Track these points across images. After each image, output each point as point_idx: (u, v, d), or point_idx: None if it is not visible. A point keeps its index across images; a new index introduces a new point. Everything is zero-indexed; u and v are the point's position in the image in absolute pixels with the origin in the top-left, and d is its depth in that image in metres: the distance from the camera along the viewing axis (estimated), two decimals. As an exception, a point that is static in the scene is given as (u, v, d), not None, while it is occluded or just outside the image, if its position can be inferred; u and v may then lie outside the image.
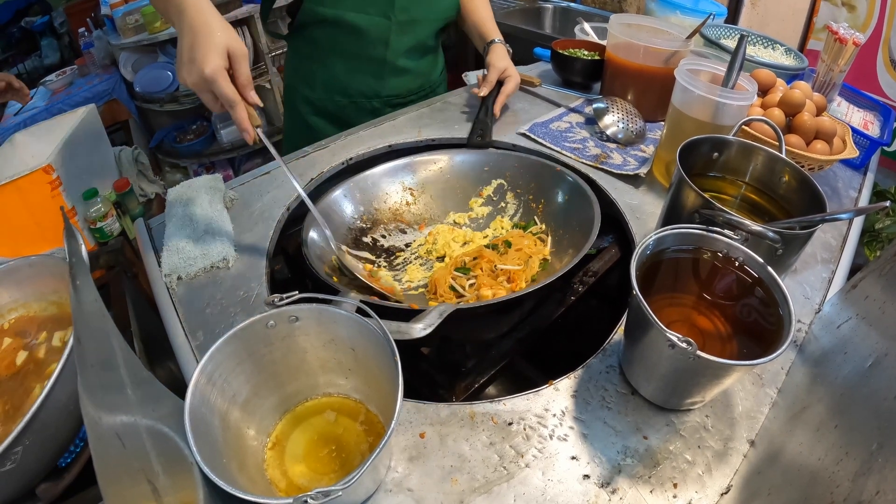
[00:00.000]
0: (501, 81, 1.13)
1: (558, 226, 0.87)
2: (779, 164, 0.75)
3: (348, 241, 0.86)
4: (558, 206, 0.89)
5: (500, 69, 1.12)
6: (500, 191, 0.97)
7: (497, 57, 1.15)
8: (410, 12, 1.12)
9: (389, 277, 0.84)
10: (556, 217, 0.89)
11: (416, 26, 1.15)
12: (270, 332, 0.56)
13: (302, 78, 1.23)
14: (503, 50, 1.18)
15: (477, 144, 1.03)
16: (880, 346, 0.52)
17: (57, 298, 0.71)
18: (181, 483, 0.46)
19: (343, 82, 1.19)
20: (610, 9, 2.30)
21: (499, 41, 1.19)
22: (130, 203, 1.58)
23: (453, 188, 0.98)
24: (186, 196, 0.91)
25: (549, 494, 0.53)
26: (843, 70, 1.15)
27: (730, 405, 0.62)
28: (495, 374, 0.73)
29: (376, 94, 1.22)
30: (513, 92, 1.14)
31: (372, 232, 0.90)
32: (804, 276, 0.79)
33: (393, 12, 1.10)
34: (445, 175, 0.98)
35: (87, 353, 0.46)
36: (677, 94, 0.88)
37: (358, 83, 1.20)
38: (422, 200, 0.97)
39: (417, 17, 1.14)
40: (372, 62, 1.17)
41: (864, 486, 0.40)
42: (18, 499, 0.56)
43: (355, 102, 1.22)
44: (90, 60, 2.65)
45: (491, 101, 1.11)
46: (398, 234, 0.92)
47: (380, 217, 0.92)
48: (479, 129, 1.06)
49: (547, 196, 0.91)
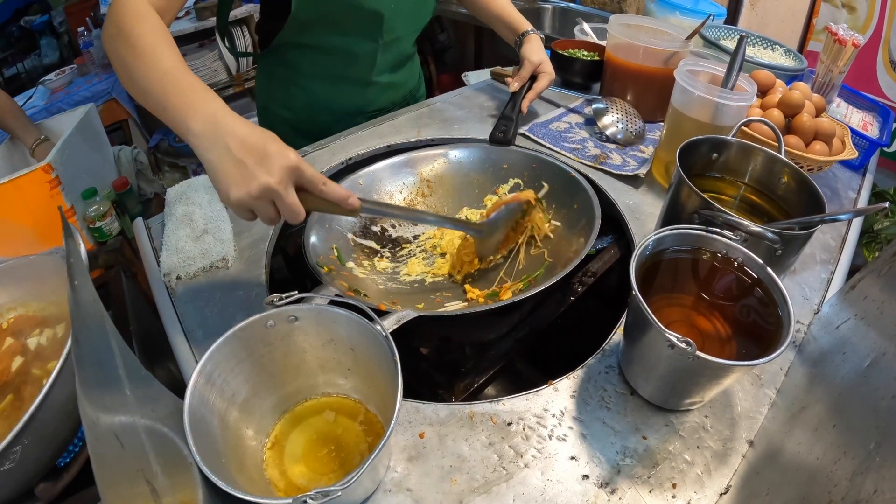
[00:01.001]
0: (534, 77, 1.10)
1: (561, 225, 0.87)
2: (778, 165, 0.75)
3: (356, 229, 0.85)
4: (564, 208, 0.89)
5: (535, 63, 1.08)
6: (516, 190, 0.96)
7: (532, 50, 1.09)
8: (396, 31, 1.08)
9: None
10: (558, 217, 0.89)
11: (399, 43, 1.12)
12: (270, 332, 0.56)
13: (279, 101, 1.17)
14: (538, 42, 1.12)
15: (499, 141, 1.01)
16: (878, 346, 0.52)
17: (56, 298, 0.71)
18: (180, 483, 0.46)
19: (326, 102, 1.15)
20: (609, 9, 2.30)
21: (533, 31, 1.13)
22: (129, 202, 1.58)
23: (470, 183, 0.97)
24: (185, 195, 0.91)
25: (548, 494, 0.53)
26: (843, 71, 1.15)
27: (729, 405, 0.62)
28: (494, 375, 0.73)
29: (360, 111, 1.18)
30: (545, 88, 1.10)
31: (381, 221, 0.90)
32: (803, 276, 0.79)
33: (381, 35, 1.05)
34: (464, 170, 0.96)
35: (86, 352, 0.46)
36: (677, 94, 0.88)
37: (342, 102, 1.15)
38: (438, 193, 0.96)
39: (401, 34, 1.10)
40: (357, 83, 1.13)
41: (862, 485, 0.40)
42: (17, 498, 0.56)
43: (339, 121, 1.17)
44: (89, 60, 2.65)
45: (520, 97, 1.08)
46: (408, 226, 0.91)
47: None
48: (503, 125, 1.04)
49: (559, 200, 0.90)
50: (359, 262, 0.81)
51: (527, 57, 1.09)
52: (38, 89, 2.51)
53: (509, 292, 0.76)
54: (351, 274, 0.78)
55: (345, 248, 0.80)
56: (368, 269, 0.81)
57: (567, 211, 0.86)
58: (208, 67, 2.57)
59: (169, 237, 0.83)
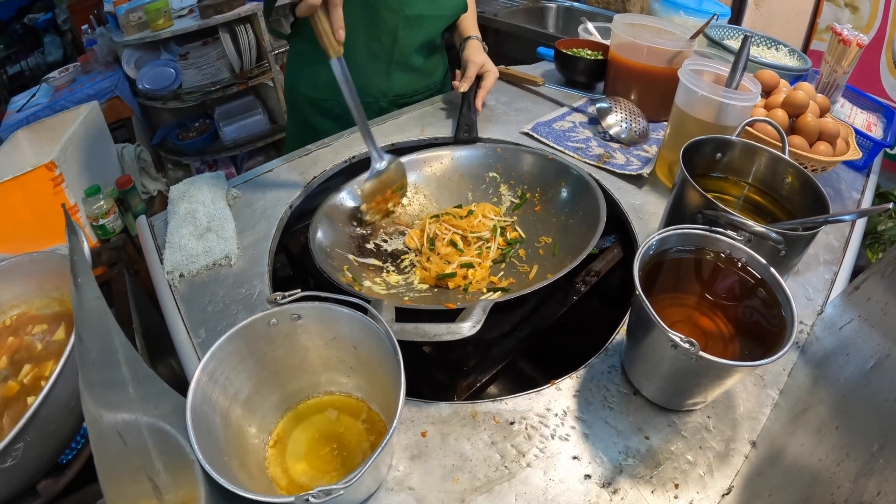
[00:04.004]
0: (480, 77, 1.15)
1: (560, 215, 0.87)
2: (782, 165, 0.75)
3: (352, 250, 0.85)
4: (561, 199, 0.89)
5: (479, 64, 1.14)
6: (494, 183, 0.97)
7: (473, 52, 1.17)
8: (418, 7, 1.13)
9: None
10: (556, 206, 0.89)
11: (423, 22, 1.16)
12: (272, 330, 0.56)
13: (305, 79, 1.22)
14: (478, 45, 1.20)
15: (464, 140, 1.03)
16: (882, 348, 0.52)
17: (59, 295, 0.71)
18: (182, 481, 0.46)
19: None
20: (613, 8, 2.29)
21: (474, 37, 1.21)
22: (133, 200, 1.58)
23: (446, 186, 0.98)
24: (189, 193, 0.91)
25: (550, 494, 0.53)
26: (847, 71, 1.14)
27: (731, 406, 0.62)
28: (497, 374, 0.73)
29: (383, 93, 1.22)
30: (492, 86, 1.16)
31: (373, 238, 0.90)
32: (807, 277, 0.79)
33: (401, 7, 1.10)
34: (437, 174, 0.98)
35: (89, 350, 0.46)
36: (681, 94, 0.88)
37: (364, 83, 1.19)
38: (416, 201, 0.96)
39: (424, 13, 1.14)
40: (379, 60, 1.17)
41: (865, 487, 0.40)
42: (19, 495, 0.57)
43: (362, 102, 1.21)
44: (93, 57, 2.65)
45: (472, 96, 1.12)
46: (399, 237, 0.92)
47: (378, 222, 0.92)
48: (465, 124, 1.06)
49: (542, 184, 0.92)
50: (371, 280, 0.81)
51: (470, 59, 1.15)
52: (42, 87, 2.52)
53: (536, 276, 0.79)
54: (372, 291, 0.78)
55: (353, 270, 0.81)
56: (384, 286, 0.81)
57: (572, 210, 0.86)
58: (212, 66, 2.57)
59: (172, 235, 0.83)
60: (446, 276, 0.80)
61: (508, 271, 0.83)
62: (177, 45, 2.60)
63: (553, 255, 0.82)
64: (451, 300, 0.77)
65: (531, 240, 0.88)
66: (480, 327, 0.60)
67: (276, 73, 2.69)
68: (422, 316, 0.62)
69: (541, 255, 0.84)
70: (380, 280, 0.82)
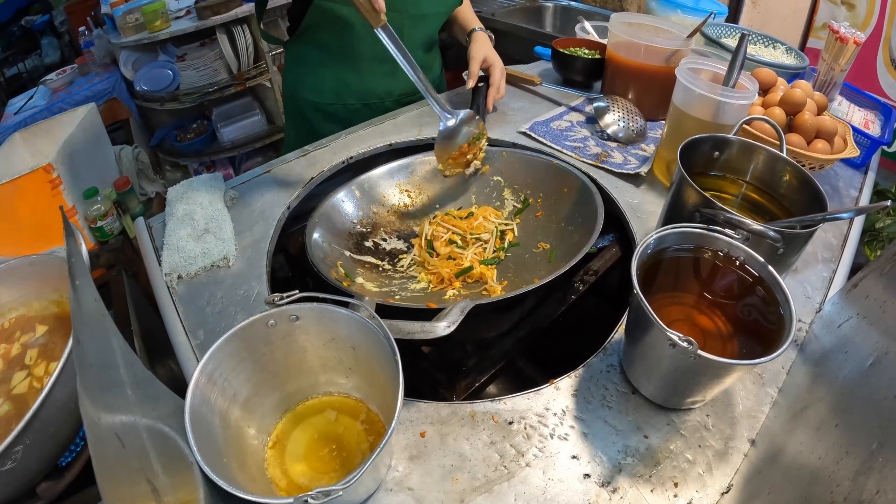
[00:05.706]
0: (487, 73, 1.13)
1: (560, 222, 0.87)
2: (780, 164, 0.75)
3: (350, 247, 0.85)
4: (560, 202, 0.89)
5: (480, 59, 1.11)
6: (498, 187, 0.97)
7: (476, 47, 1.14)
8: (421, 6, 1.12)
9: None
10: (557, 213, 0.89)
11: (426, 20, 1.16)
12: (271, 331, 0.56)
13: (308, 85, 1.21)
14: (484, 38, 1.17)
15: None
16: (881, 346, 0.52)
17: (57, 297, 0.71)
18: (181, 482, 0.46)
19: (354, 85, 1.18)
20: (611, 7, 2.29)
21: (479, 29, 1.18)
22: (131, 202, 1.58)
23: (449, 186, 0.98)
24: (187, 195, 0.91)
25: (549, 493, 0.53)
26: (844, 69, 1.14)
27: (730, 404, 0.62)
28: (496, 374, 0.73)
29: (389, 93, 1.21)
30: (500, 82, 1.12)
31: (372, 236, 0.90)
32: (805, 275, 0.79)
33: (406, 6, 1.10)
34: (440, 174, 0.97)
35: (87, 352, 0.46)
36: (678, 93, 0.88)
37: (371, 84, 1.19)
38: (419, 201, 0.96)
39: (427, 12, 1.14)
40: (385, 61, 1.16)
41: (865, 485, 0.40)
42: (19, 498, 0.56)
43: (368, 105, 1.21)
44: (90, 59, 2.65)
45: (482, 94, 1.11)
46: (395, 239, 0.91)
47: (379, 221, 0.92)
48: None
49: (545, 190, 0.91)
50: (365, 277, 0.81)
51: (471, 55, 1.13)
52: (40, 89, 2.51)
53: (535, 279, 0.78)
54: (364, 289, 0.78)
55: (348, 265, 0.81)
56: (377, 284, 0.81)
57: (573, 217, 0.86)
58: (209, 67, 2.56)
59: (170, 236, 0.83)
60: (465, 270, 0.81)
61: (502, 274, 0.83)
62: (174, 47, 2.60)
63: (549, 261, 0.82)
64: (435, 300, 0.77)
65: (529, 245, 0.88)
66: (456, 328, 0.60)
67: (273, 73, 2.69)
68: (405, 314, 0.61)
69: (537, 261, 0.84)
70: (374, 277, 0.82)
